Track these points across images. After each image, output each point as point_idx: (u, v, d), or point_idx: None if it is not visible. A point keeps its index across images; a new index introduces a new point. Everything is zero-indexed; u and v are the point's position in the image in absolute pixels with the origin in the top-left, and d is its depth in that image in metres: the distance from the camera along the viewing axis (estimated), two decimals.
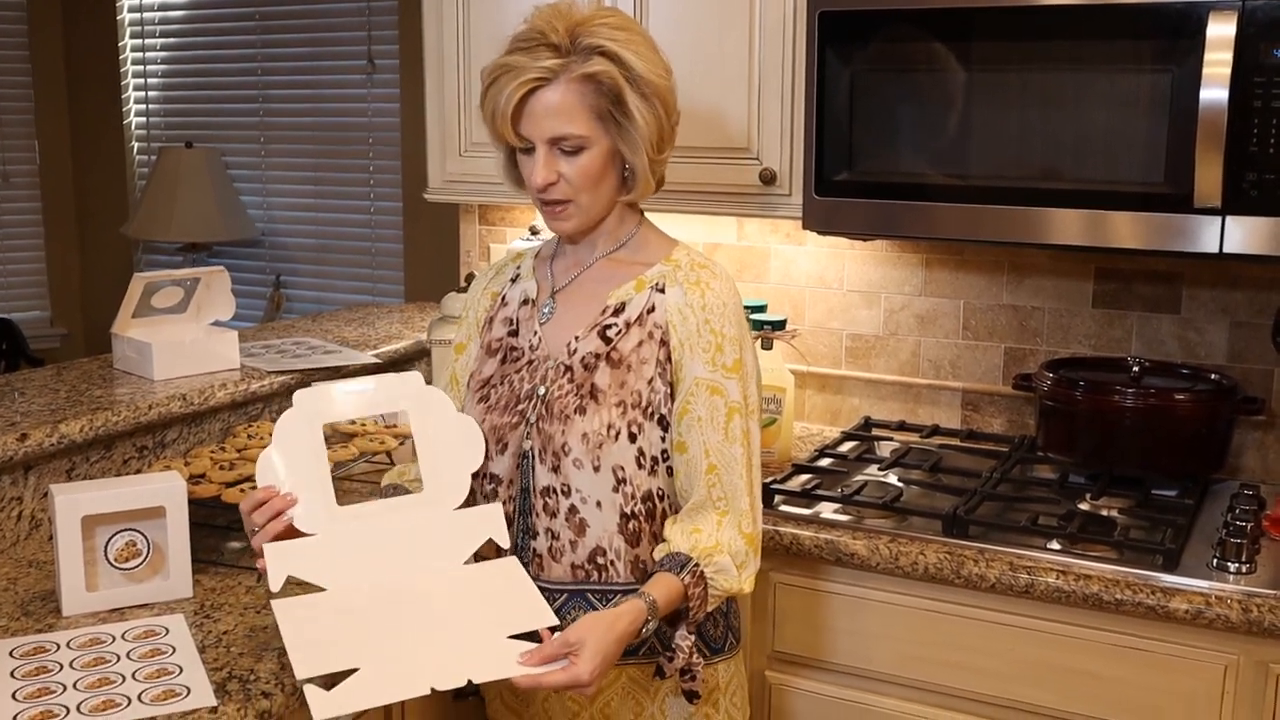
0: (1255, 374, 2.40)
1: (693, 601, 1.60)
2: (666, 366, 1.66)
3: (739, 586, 1.64)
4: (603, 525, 1.64)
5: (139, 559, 1.82)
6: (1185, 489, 2.29)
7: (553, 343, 1.72)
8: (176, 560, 1.84)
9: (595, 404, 1.64)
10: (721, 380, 1.65)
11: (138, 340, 2.40)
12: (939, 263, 2.65)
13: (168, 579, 1.84)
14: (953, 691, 2.07)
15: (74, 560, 1.77)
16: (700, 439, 1.65)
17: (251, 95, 4.59)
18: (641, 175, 1.68)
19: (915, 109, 2.21)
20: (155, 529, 1.84)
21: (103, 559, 1.81)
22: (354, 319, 3.11)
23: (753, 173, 2.42)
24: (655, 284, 1.70)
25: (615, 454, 1.63)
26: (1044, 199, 2.12)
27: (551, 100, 1.61)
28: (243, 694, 1.54)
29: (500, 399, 1.72)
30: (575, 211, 1.68)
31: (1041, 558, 2.00)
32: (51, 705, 1.50)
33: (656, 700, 1.70)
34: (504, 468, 1.70)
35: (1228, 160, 1.95)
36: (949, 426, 2.67)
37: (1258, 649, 1.86)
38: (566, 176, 1.64)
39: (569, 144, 1.63)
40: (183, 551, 1.85)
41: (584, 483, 1.64)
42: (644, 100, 1.63)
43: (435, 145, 2.77)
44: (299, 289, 4.61)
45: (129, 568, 1.82)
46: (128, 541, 1.82)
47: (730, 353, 1.66)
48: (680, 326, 1.67)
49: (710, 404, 1.65)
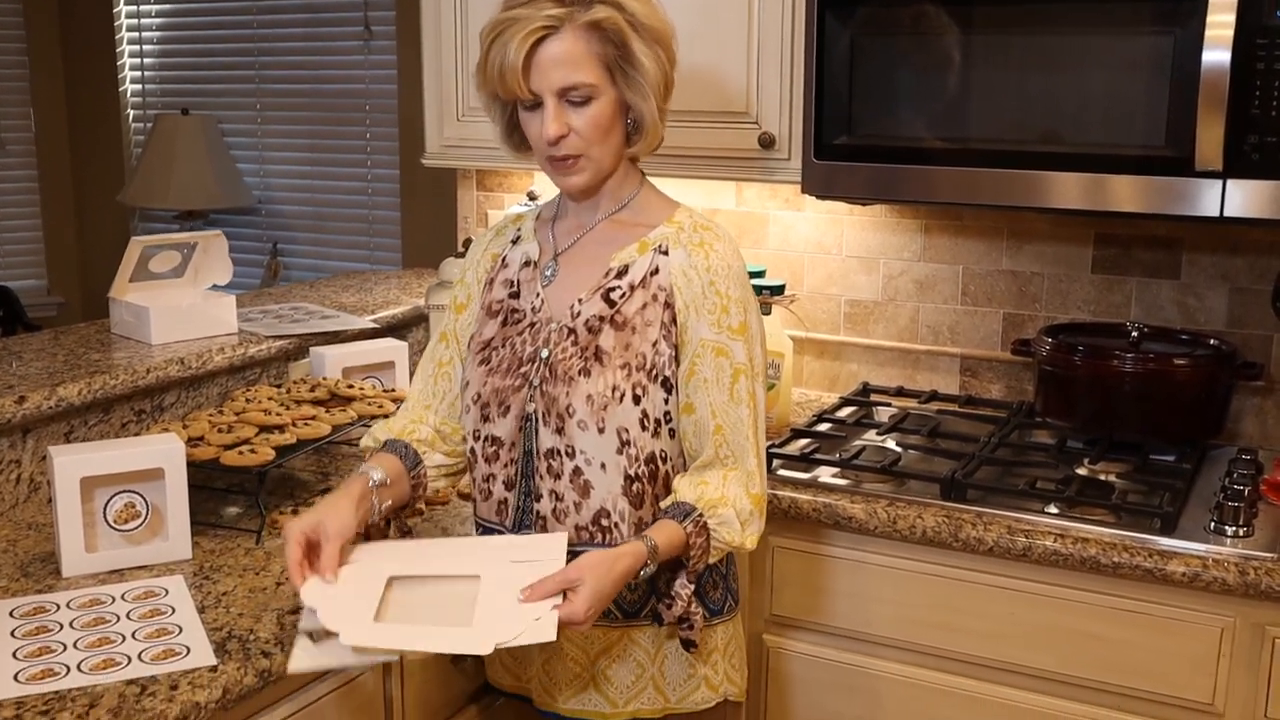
0: (1255, 339, 2.40)
1: (694, 551, 1.61)
2: (671, 329, 1.66)
3: (741, 541, 1.65)
4: (607, 487, 1.64)
5: (138, 521, 1.82)
6: (1183, 454, 2.29)
7: (555, 305, 1.72)
8: (175, 522, 1.84)
9: (600, 365, 1.64)
10: (727, 342, 1.66)
11: (135, 305, 2.40)
12: (938, 228, 2.64)
13: (167, 540, 1.84)
14: (950, 654, 2.08)
15: (73, 522, 1.77)
16: (707, 400, 1.65)
17: (248, 62, 4.56)
18: (649, 123, 1.67)
19: (915, 72, 2.20)
20: (154, 491, 1.84)
21: (102, 521, 1.81)
22: (351, 285, 3.10)
23: (751, 137, 2.41)
24: (658, 246, 1.70)
25: (619, 415, 1.63)
26: (1044, 162, 2.12)
27: (558, 50, 1.60)
28: (242, 653, 1.54)
29: (502, 361, 1.72)
30: (586, 165, 1.67)
31: (1039, 521, 2.01)
32: (52, 664, 1.51)
33: (656, 661, 1.71)
34: (506, 430, 1.70)
35: (1229, 123, 1.94)
36: (947, 392, 2.67)
37: (1254, 611, 1.87)
38: (576, 129, 1.63)
39: (578, 94, 1.62)
40: (182, 513, 1.85)
41: (588, 444, 1.64)
42: (648, 46, 1.63)
43: (432, 110, 2.75)
44: (296, 256, 4.60)
45: (128, 529, 1.82)
46: (127, 503, 1.82)
47: (736, 314, 1.66)
48: (685, 289, 1.67)
49: (716, 365, 1.65)
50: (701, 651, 1.72)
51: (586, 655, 1.70)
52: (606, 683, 1.71)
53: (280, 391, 2.27)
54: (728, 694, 1.75)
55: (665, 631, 1.70)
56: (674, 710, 1.72)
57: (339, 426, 2.16)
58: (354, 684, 1.71)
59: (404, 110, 4.14)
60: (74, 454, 1.79)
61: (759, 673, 2.23)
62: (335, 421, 2.16)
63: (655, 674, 1.71)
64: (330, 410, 2.20)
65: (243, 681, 1.50)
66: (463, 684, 1.92)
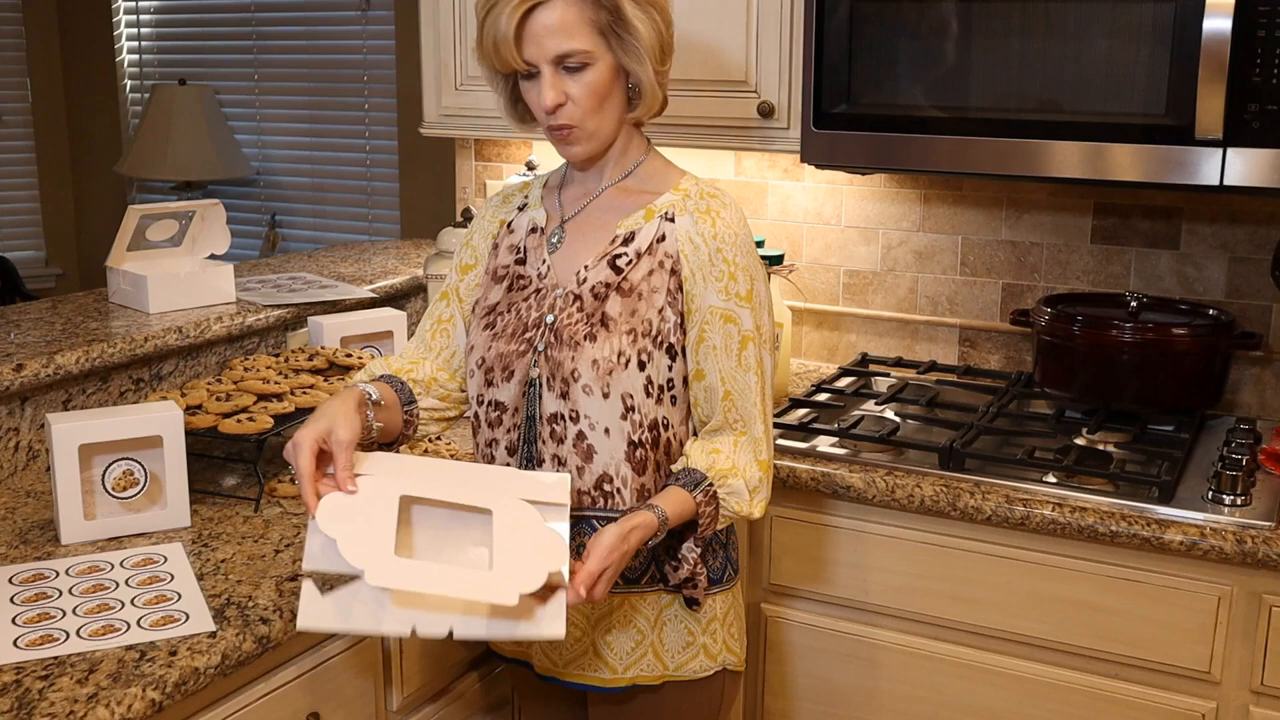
0: (1253, 309, 2.40)
1: (703, 519, 1.63)
2: (677, 296, 1.66)
3: (749, 510, 1.67)
4: (610, 452, 1.65)
5: (136, 488, 1.83)
6: (1182, 423, 2.29)
7: (562, 271, 1.72)
8: (174, 490, 1.85)
9: (606, 331, 1.64)
10: (735, 309, 1.66)
11: (133, 273, 2.39)
12: (937, 198, 2.64)
13: (165, 508, 1.85)
14: (948, 623, 2.09)
15: (72, 489, 1.77)
16: (716, 366, 1.66)
17: (246, 32, 4.54)
18: (648, 88, 1.67)
19: (914, 40, 2.19)
20: (153, 459, 1.84)
21: (100, 488, 1.81)
22: (350, 255, 3.10)
23: (750, 106, 2.40)
24: (664, 213, 1.70)
25: (624, 381, 1.63)
26: (1044, 131, 2.11)
27: (550, 18, 1.59)
28: (241, 619, 1.55)
29: (507, 326, 1.72)
30: (584, 134, 1.67)
31: (1038, 490, 2.01)
32: (51, 629, 1.51)
33: (656, 629, 1.71)
34: (510, 395, 1.69)
35: (1230, 91, 1.94)
36: (946, 362, 2.67)
37: (1251, 580, 1.87)
38: (573, 97, 1.63)
39: (573, 61, 1.61)
40: (180, 481, 1.85)
41: (593, 409, 1.64)
42: (642, 9, 1.63)
43: (431, 79, 2.74)
44: (294, 228, 4.59)
45: (127, 497, 1.82)
46: (125, 471, 1.82)
47: (743, 282, 1.66)
48: (692, 256, 1.67)
49: (725, 332, 1.66)
50: (700, 619, 1.72)
51: (587, 621, 1.71)
52: (607, 649, 1.71)
53: (279, 360, 2.27)
54: (726, 663, 1.75)
55: (665, 600, 1.71)
56: (672, 678, 1.72)
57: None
58: (353, 650, 1.71)
59: (402, 80, 4.13)
60: (72, 421, 1.79)
61: (757, 642, 2.24)
62: (333, 390, 2.15)
63: (654, 641, 1.71)
64: (328, 379, 2.20)
65: (241, 648, 1.50)
66: (463, 652, 1.92)
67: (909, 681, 2.13)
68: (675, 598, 1.70)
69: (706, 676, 1.73)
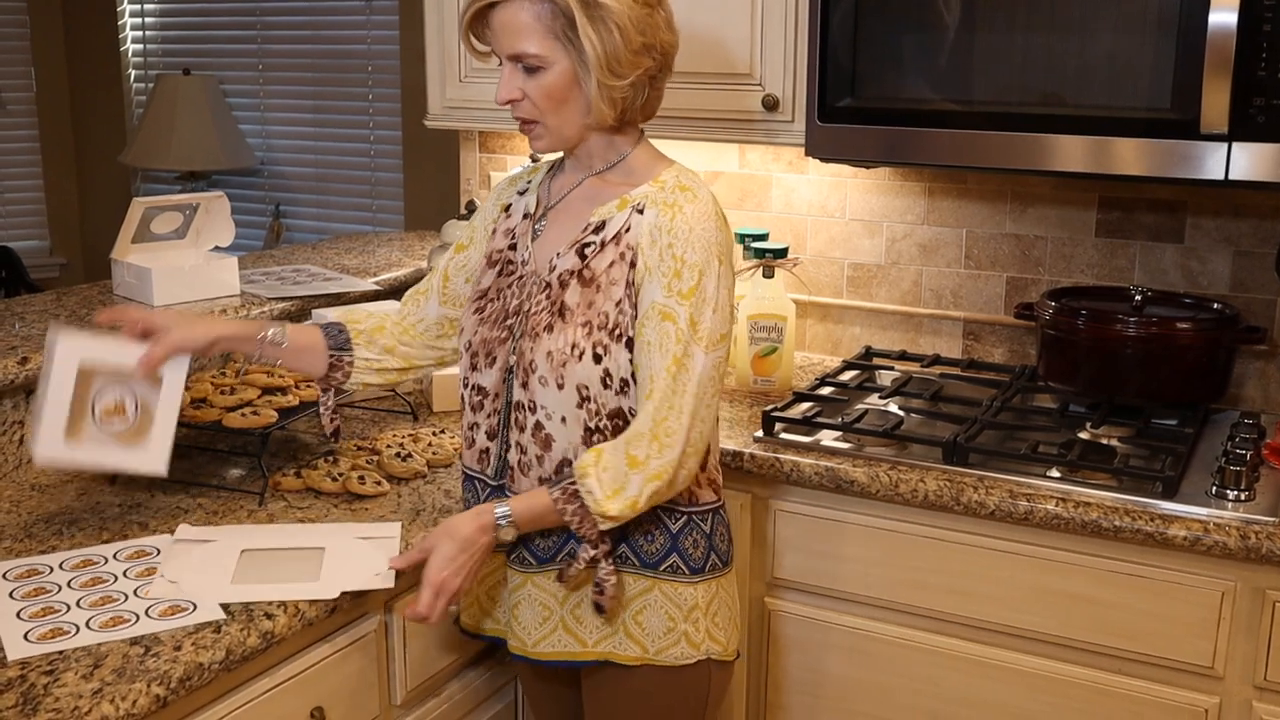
0: (1258, 303, 2.39)
1: (567, 517, 1.62)
2: (633, 289, 1.66)
3: (600, 509, 1.60)
4: (567, 439, 1.66)
5: (124, 422, 1.80)
6: (1186, 418, 2.29)
7: (539, 259, 1.74)
8: (160, 432, 1.81)
9: (562, 322, 1.66)
10: (675, 306, 1.62)
11: (137, 266, 2.39)
12: (941, 191, 2.63)
13: (146, 451, 1.81)
14: (952, 618, 2.09)
15: (60, 404, 1.74)
16: (647, 364, 1.62)
17: (250, 22, 4.53)
18: (593, 99, 1.64)
19: (919, 33, 2.18)
20: (149, 394, 1.80)
21: (89, 413, 1.77)
22: (354, 247, 3.10)
23: (755, 99, 2.40)
24: (637, 204, 1.69)
25: (579, 373, 1.64)
26: (1049, 125, 2.10)
27: (506, 17, 1.63)
28: (246, 614, 1.55)
29: (493, 313, 1.75)
30: (543, 132, 1.69)
31: (1041, 485, 2.01)
32: (60, 623, 1.52)
33: (630, 609, 1.71)
34: (491, 381, 1.73)
35: (1235, 85, 1.93)
36: (950, 356, 2.66)
37: (1255, 575, 1.87)
38: (529, 95, 1.66)
39: (528, 62, 1.64)
40: (168, 425, 1.81)
41: (549, 399, 1.66)
42: (593, 23, 1.59)
43: (435, 71, 2.74)
44: (298, 219, 4.59)
45: (113, 428, 1.79)
46: (117, 401, 1.79)
47: (688, 279, 1.62)
48: (648, 249, 1.65)
49: (660, 330, 1.62)
50: (681, 606, 1.71)
51: (556, 600, 1.73)
52: (576, 624, 1.73)
53: None
54: (710, 652, 1.74)
55: (643, 584, 1.71)
56: (652, 661, 1.72)
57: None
58: (358, 644, 1.72)
59: (406, 71, 4.12)
60: (78, 338, 1.76)
61: (760, 635, 2.24)
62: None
63: (628, 620, 1.72)
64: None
65: (246, 643, 1.51)
66: (467, 645, 1.93)
67: (913, 676, 2.13)
68: (656, 583, 1.71)
69: (689, 664, 1.73)
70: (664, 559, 1.71)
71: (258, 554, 1.74)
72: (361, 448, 2.14)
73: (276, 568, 1.70)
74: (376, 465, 2.05)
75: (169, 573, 1.67)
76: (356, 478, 1.97)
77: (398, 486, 2.01)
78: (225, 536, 1.79)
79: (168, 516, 1.87)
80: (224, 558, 1.72)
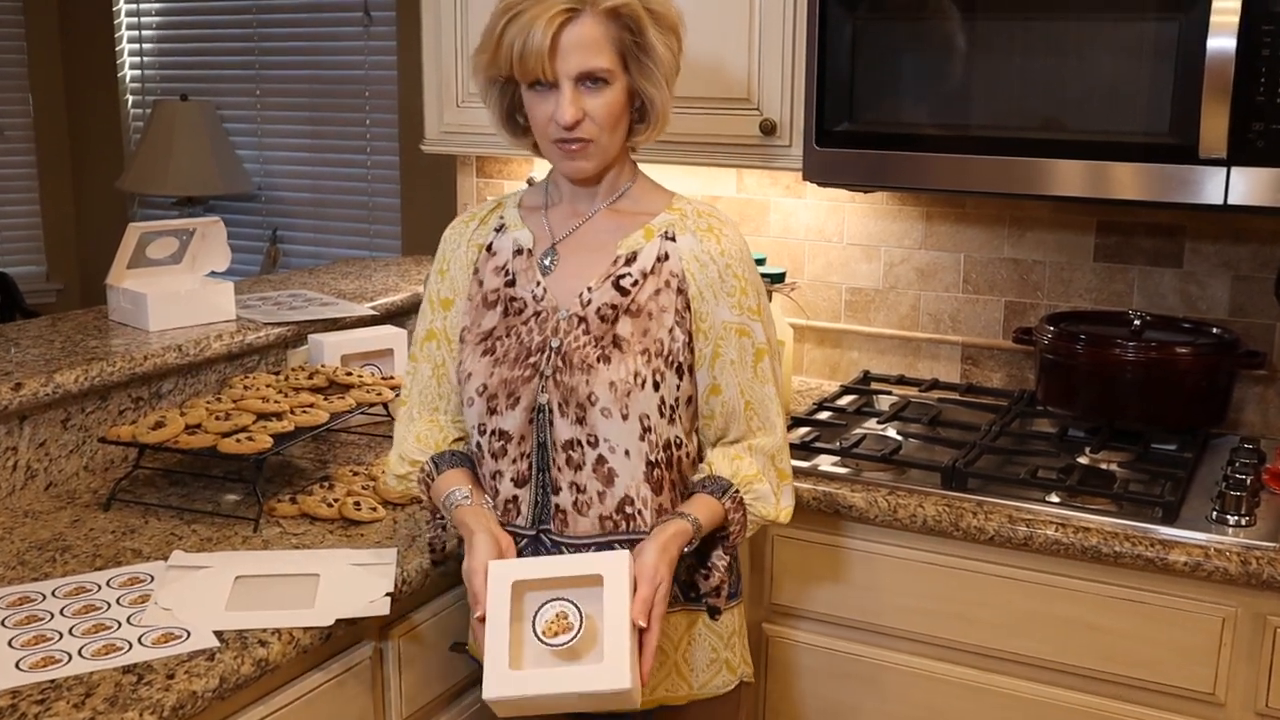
0: (1257, 328, 2.39)
1: (732, 526, 1.66)
2: (685, 315, 1.67)
3: (776, 514, 1.72)
4: (630, 474, 1.64)
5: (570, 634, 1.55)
6: (1185, 443, 2.28)
7: (560, 294, 1.70)
8: (613, 638, 1.53)
9: (620, 353, 1.64)
10: (749, 323, 1.69)
11: (133, 291, 2.38)
12: (939, 216, 2.63)
13: (602, 663, 1.53)
14: (950, 643, 2.08)
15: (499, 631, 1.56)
16: (735, 380, 1.69)
17: (247, 48, 4.55)
18: (661, 111, 1.68)
19: (917, 58, 2.18)
20: (589, 602, 1.57)
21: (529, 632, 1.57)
22: (350, 272, 3.09)
23: (753, 123, 2.39)
24: (664, 232, 1.70)
25: (642, 402, 1.63)
26: (1047, 150, 2.10)
27: (578, 35, 1.59)
28: (240, 642, 1.54)
29: (508, 352, 1.69)
30: (595, 151, 1.66)
31: (1040, 510, 2.00)
32: (52, 651, 1.50)
33: (680, 648, 1.72)
34: (515, 423, 1.67)
35: (1234, 110, 1.93)
36: (948, 380, 2.66)
37: (1256, 601, 1.86)
38: (591, 114, 1.62)
39: (594, 79, 1.61)
40: (621, 631, 1.54)
41: (612, 432, 1.63)
42: (663, 33, 1.64)
43: (432, 96, 2.74)
44: (295, 244, 4.59)
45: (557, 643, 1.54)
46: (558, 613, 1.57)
47: (753, 297, 1.70)
48: (699, 274, 1.68)
49: (740, 346, 1.69)
50: (723, 634, 1.74)
51: None
52: None
53: (279, 379, 2.26)
54: (743, 675, 1.78)
55: (691, 619, 1.71)
56: (697, 696, 1.72)
57: (337, 414, 2.15)
58: (352, 672, 1.70)
59: (403, 97, 4.13)
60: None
61: (758, 662, 2.22)
62: (334, 409, 2.15)
63: (679, 660, 1.71)
64: (329, 398, 2.20)
65: (239, 670, 1.49)
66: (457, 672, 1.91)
67: (911, 702, 2.12)
68: (699, 616, 1.71)
69: (729, 691, 1.74)
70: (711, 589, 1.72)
71: (252, 581, 1.73)
72: (357, 473, 2.12)
73: (271, 594, 1.69)
74: (372, 490, 2.04)
75: (162, 600, 1.65)
76: (352, 503, 1.96)
77: (394, 512, 2.00)
78: (219, 563, 1.77)
79: (161, 543, 1.86)
80: (218, 584, 1.70)
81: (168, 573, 1.74)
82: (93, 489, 2.09)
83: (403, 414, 1.83)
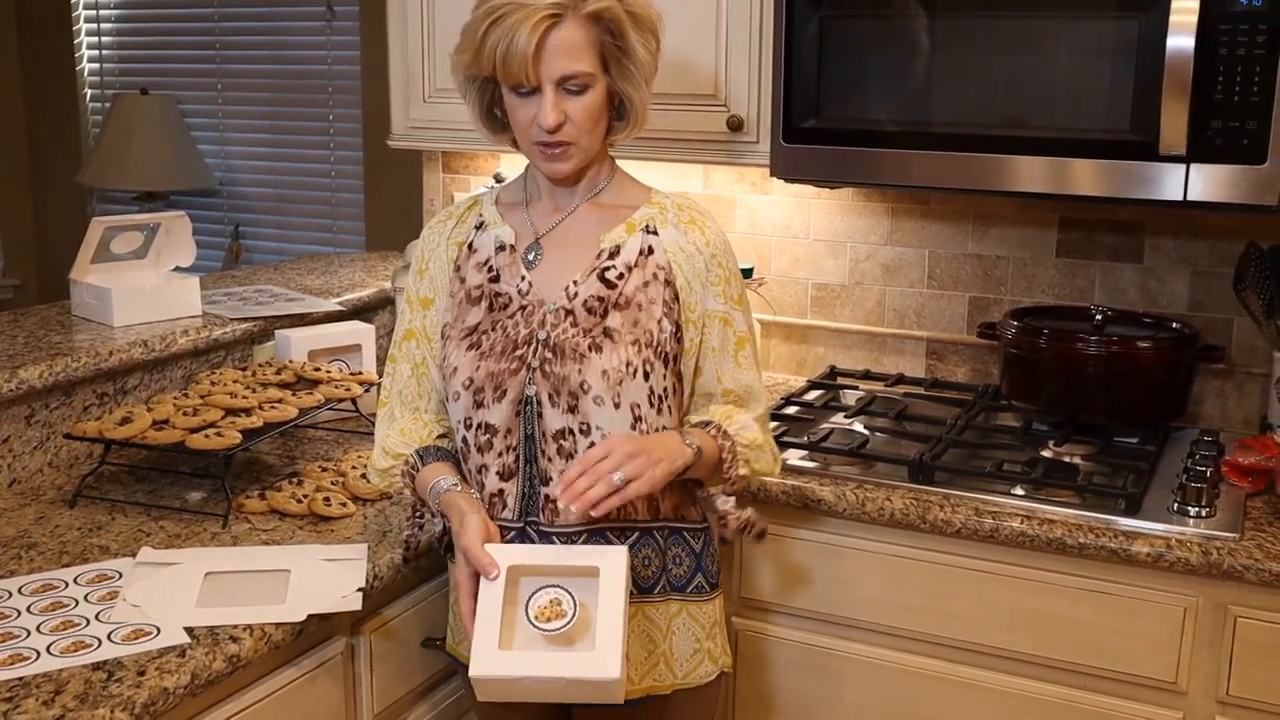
0: (1216, 322, 2.42)
1: (725, 456, 1.70)
2: (673, 306, 1.70)
3: (770, 469, 1.79)
4: None
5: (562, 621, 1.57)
6: (1146, 436, 2.31)
7: (546, 288, 1.71)
8: (605, 628, 1.55)
9: (611, 342, 1.65)
10: (731, 311, 1.74)
11: (97, 286, 2.37)
12: (904, 212, 2.65)
13: (593, 652, 1.55)
14: (917, 635, 2.10)
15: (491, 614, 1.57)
16: (714, 365, 1.74)
17: (208, 41, 4.50)
18: (640, 111, 1.71)
19: (883, 56, 2.20)
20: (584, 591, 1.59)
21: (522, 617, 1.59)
22: (316, 268, 3.08)
23: (720, 120, 2.40)
24: (645, 226, 1.73)
25: (633, 391, 1.64)
26: (1010, 146, 2.13)
27: (562, 39, 1.60)
28: (211, 638, 1.53)
29: (494, 345, 1.69)
30: (575, 152, 1.68)
31: (1006, 503, 2.02)
32: (19, 648, 1.49)
33: (667, 638, 1.72)
34: (501, 416, 1.67)
35: (1193, 108, 1.96)
36: (914, 375, 2.68)
37: (1217, 591, 1.89)
38: (572, 117, 1.64)
39: (576, 83, 1.62)
40: (614, 622, 1.56)
41: (604, 420, 1.64)
42: (642, 35, 1.67)
43: (398, 91, 2.73)
44: (258, 239, 4.55)
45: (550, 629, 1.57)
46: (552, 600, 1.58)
47: (735, 286, 1.75)
48: (686, 266, 1.71)
49: (723, 334, 1.74)
50: (704, 623, 1.75)
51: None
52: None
53: (246, 374, 2.25)
54: (724, 665, 1.79)
55: (674, 609, 1.73)
56: (681, 685, 1.74)
57: (305, 410, 2.14)
58: (324, 668, 1.70)
59: (367, 91, 4.11)
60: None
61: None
62: (302, 405, 2.14)
63: (666, 650, 1.73)
64: (297, 393, 2.19)
65: (211, 667, 1.49)
66: (429, 668, 1.91)
67: (881, 694, 2.14)
68: (683, 606, 1.73)
69: (711, 681, 1.76)
70: (690, 579, 1.74)
71: (222, 577, 1.72)
72: (326, 468, 2.12)
73: (242, 591, 1.68)
74: (342, 486, 2.03)
75: (131, 596, 1.64)
76: (322, 499, 1.96)
77: (363, 507, 1.99)
78: (189, 559, 1.77)
79: (129, 540, 1.85)
80: (188, 581, 1.70)
81: (136, 569, 1.73)
82: (58, 485, 2.08)
83: (383, 414, 1.83)
